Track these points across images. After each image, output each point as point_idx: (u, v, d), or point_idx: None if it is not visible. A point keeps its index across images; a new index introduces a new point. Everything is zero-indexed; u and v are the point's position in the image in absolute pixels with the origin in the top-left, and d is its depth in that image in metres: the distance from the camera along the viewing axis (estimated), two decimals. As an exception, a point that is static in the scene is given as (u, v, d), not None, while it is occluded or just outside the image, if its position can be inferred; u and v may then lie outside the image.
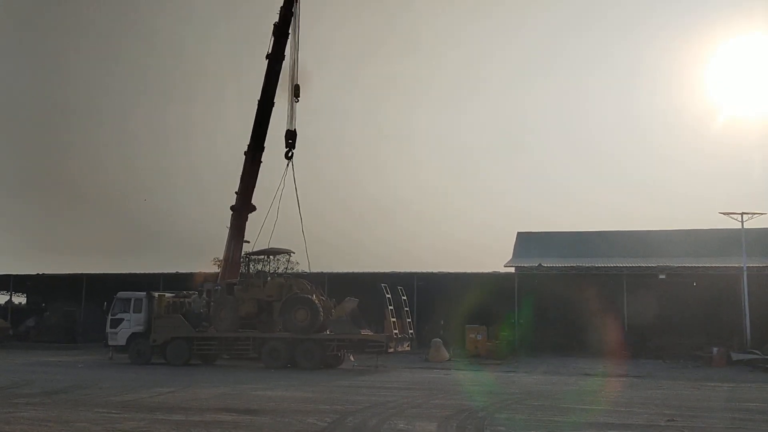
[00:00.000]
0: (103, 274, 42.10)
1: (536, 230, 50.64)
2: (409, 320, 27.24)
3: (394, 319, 25.63)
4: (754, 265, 33.71)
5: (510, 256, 46.75)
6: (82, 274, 42.46)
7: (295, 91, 28.56)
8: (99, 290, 38.27)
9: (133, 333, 27.12)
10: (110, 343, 27.66)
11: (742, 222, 31.74)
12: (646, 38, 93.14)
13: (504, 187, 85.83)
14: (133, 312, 27.33)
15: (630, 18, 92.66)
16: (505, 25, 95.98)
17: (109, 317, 27.69)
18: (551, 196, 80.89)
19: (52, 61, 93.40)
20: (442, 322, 35.80)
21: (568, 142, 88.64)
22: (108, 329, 27.60)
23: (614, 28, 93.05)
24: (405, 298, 27.18)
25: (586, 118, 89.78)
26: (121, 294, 28.17)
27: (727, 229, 36.45)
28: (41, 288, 48.83)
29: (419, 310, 34.58)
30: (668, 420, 13.08)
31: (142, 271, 41.05)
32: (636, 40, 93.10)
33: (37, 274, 44.54)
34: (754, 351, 29.06)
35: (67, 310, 42.87)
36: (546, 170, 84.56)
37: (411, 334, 27.12)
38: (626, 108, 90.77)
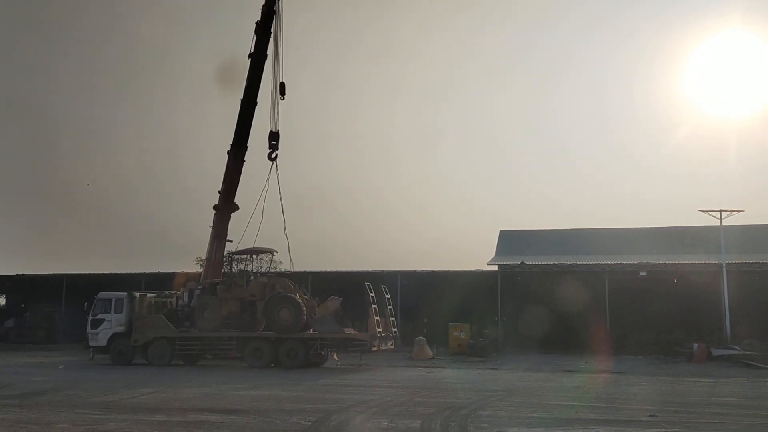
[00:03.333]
0: (84, 274, 41.63)
1: (519, 228, 50.83)
2: (393, 318, 27.27)
3: (378, 318, 25.69)
4: (734, 261, 34.05)
5: (493, 255, 46.91)
6: (62, 274, 42.03)
7: (281, 89, 28.37)
8: (79, 291, 37.86)
9: (114, 333, 26.85)
10: (91, 343, 27.38)
11: (721, 219, 32.10)
12: (621, 38, 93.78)
13: (486, 185, 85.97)
14: (114, 312, 27.07)
15: (603, 17, 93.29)
16: (486, 21, 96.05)
17: (90, 318, 27.40)
18: (533, 195, 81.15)
19: (33, 63, 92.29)
20: (425, 321, 35.84)
21: (552, 142, 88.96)
22: (89, 330, 27.32)
23: (587, 27, 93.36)
24: (389, 296, 27.23)
25: (566, 118, 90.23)
26: (102, 294, 27.90)
27: (706, 226, 36.83)
28: (21, 289, 48.20)
29: (403, 308, 34.59)
30: (650, 415, 13.20)
31: (123, 271, 40.71)
32: (610, 40, 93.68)
33: (17, 274, 44.03)
34: (734, 347, 29.39)
35: (47, 310, 42.45)
36: (530, 170, 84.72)
37: (395, 332, 27.15)
38: (603, 108, 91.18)
